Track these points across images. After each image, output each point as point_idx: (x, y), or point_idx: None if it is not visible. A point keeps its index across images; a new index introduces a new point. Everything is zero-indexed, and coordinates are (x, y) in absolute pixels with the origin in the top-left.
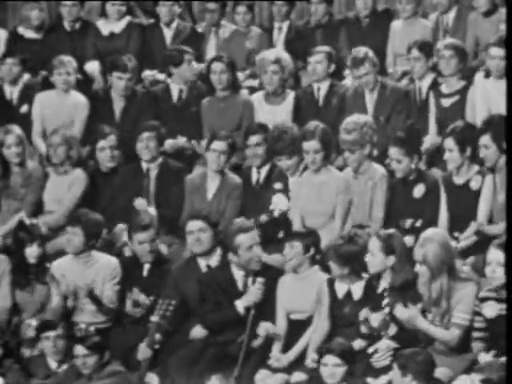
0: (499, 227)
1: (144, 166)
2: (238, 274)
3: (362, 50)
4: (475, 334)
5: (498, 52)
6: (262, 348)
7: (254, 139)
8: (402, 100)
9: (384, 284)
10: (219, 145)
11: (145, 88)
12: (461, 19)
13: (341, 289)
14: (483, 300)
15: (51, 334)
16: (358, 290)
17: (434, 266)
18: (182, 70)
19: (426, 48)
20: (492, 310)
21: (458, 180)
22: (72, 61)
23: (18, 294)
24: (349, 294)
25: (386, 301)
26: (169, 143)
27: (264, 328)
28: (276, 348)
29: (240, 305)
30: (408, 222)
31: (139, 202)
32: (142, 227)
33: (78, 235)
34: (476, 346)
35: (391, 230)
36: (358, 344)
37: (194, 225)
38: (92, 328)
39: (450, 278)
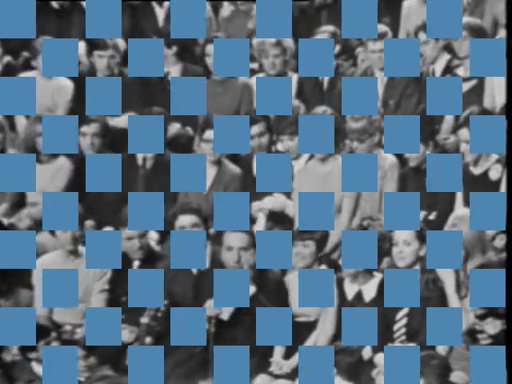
0: None
1: (140, 156)
2: None
3: (383, 27)
4: None
5: None
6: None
7: (256, 129)
8: (413, 84)
9: None
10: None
11: None
12: None
13: (351, 290)
14: (482, 318)
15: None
16: (369, 290)
17: (469, 244)
18: None
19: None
20: (493, 326)
21: (476, 170)
22: None
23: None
24: (359, 295)
25: None
26: None
27: None
28: (278, 354)
29: None
30: (421, 215)
31: None
32: None
33: None
34: None
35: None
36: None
37: (186, 220)
38: (79, 330)
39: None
